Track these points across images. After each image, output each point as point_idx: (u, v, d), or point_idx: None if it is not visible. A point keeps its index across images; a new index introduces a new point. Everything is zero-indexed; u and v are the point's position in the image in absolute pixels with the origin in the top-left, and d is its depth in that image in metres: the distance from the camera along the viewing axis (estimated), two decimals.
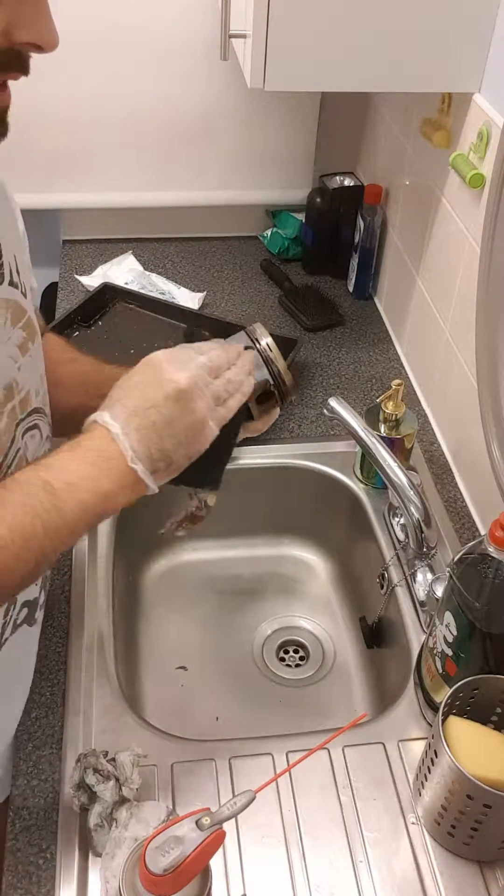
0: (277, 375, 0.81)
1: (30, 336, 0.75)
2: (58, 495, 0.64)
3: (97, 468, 0.67)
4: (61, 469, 0.66)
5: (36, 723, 0.93)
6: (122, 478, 0.67)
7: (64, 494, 0.65)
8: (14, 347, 0.73)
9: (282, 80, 1.08)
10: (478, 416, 1.05)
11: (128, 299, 1.54)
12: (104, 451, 0.67)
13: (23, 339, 0.74)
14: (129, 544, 1.20)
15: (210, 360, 0.73)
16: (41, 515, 0.64)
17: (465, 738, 0.79)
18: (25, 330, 0.74)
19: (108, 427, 0.68)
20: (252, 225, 1.80)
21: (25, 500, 0.64)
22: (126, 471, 0.67)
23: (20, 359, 0.74)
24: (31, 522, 0.63)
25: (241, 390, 0.75)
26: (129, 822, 0.79)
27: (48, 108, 1.54)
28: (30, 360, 0.76)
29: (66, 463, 0.67)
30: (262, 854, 0.82)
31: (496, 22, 1.05)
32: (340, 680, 1.19)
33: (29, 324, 0.75)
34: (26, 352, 0.75)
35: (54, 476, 0.65)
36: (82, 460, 0.67)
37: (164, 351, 0.73)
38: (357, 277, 1.62)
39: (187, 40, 1.48)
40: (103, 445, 0.68)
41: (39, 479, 0.65)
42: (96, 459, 0.67)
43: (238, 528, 1.35)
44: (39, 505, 0.64)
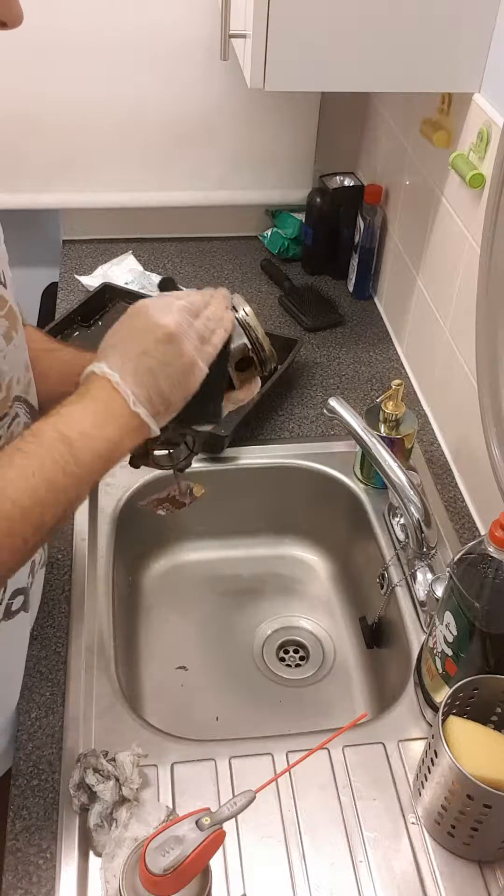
0: (256, 341, 0.82)
1: (12, 325, 0.76)
2: (74, 445, 0.67)
3: (103, 416, 0.70)
4: (73, 420, 0.69)
5: (36, 723, 0.93)
6: (126, 423, 0.70)
7: (79, 444, 0.67)
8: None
9: (282, 80, 1.08)
10: (478, 416, 1.05)
11: (128, 299, 1.54)
12: (107, 400, 0.70)
13: (6, 327, 0.75)
14: (129, 544, 1.20)
15: (189, 303, 0.76)
16: (62, 466, 0.66)
17: (465, 738, 0.79)
18: (8, 319, 0.75)
19: (108, 376, 0.70)
20: (252, 225, 1.80)
21: (47, 453, 0.66)
22: (129, 415, 0.70)
23: (4, 348, 0.74)
24: (55, 472, 0.66)
25: (222, 326, 0.77)
26: (129, 822, 0.79)
27: (48, 108, 1.54)
28: (14, 349, 0.77)
29: (76, 413, 0.69)
30: (262, 854, 0.82)
31: (496, 22, 1.05)
32: (340, 680, 1.19)
33: (11, 313, 0.76)
34: (10, 340, 0.76)
35: (68, 427, 0.68)
36: (90, 410, 0.69)
37: (146, 299, 0.76)
38: (357, 277, 1.62)
39: (187, 40, 1.48)
40: (105, 394, 0.70)
41: (57, 430, 0.67)
42: (101, 408, 0.70)
43: (238, 528, 1.34)
44: (60, 456, 0.66)
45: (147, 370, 0.71)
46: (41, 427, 0.68)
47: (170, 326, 0.72)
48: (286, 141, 1.65)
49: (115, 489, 1.20)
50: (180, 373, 0.73)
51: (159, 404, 0.72)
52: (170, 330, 0.72)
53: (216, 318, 0.77)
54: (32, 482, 0.64)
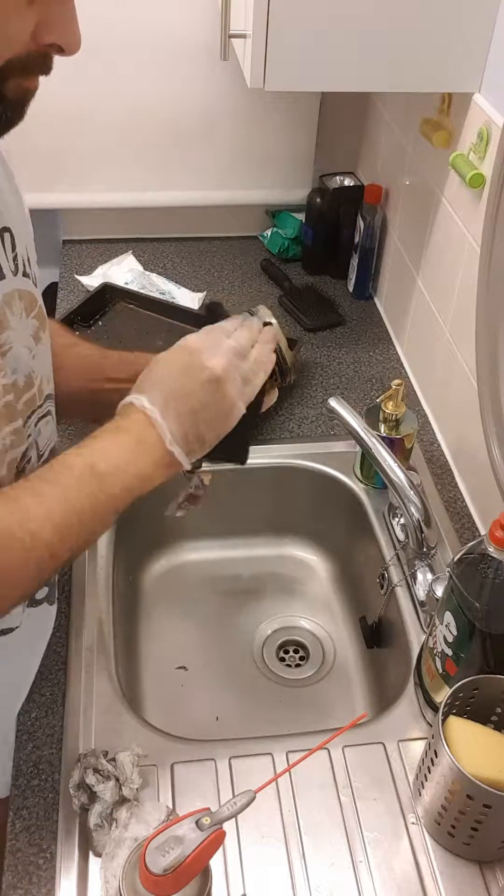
0: (280, 353, 0.83)
1: (42, 325, 0.76)
2: (104, 479, 0.68)
3: (137, 452, 0.70)
4: (106, 453, 0.69)
5: (36, 723, 0.93)
6: (160, 459, 0.71)
7: (109, 479, 0.68)
8: (29, 337, 0.74)
9: (282, 80, 1.08)
10: (478, 416, 1.05)
11: (128, 299, 1.54)
12: (143, 435, 0.71)
13: (36, 328, 0.75)
14: (129, 544, 1.20)
15: (238, 343, 0.76)
16: (89, 499, 0.67)
17: (465, 738, 0.79)
18: (38, 319, 0.75)
19: (148, 412, 0.71)
20: (252, 225, 1.80)
21: (75, 484, 0.67)
22: (164, 453, 0.71)
23: (34, 348, 0.75)
24: (82, 505, 0.66)
25: (265, 367, 0.78)
26: (129, 822, 0.79)
27: (48, 108, 1.52)
28: (42, 348, 0.77)
29: (109, 447, 0.70)
30: (262, 854, 0.82)
31: (496, 22, 1.05)
32: (340, 680, 1.19)
33: (40, 313, 0.76)
34: (39, 341, 0.76)
35: (99, 460, 0.68)
36: (124, 445, 0.70)
37: (197, 335, 0.76)
38: (357, 277, 1.62)
39: (187, 40, 1.48)
40: (142, 429, 0.71)
41: (86, 464, 0.68)
42: (136, 443, 0.70)
43: (238, 528, 1.35)
44: (88, 488, 0.67)
45: (189, 410, 0.72)
46: (72, 458, 0.68)
47: (217, 370, 0.73)
48: (286, 141, 1.65)
49: None
50: (221, 415, 0.74)
51: (194, 443, 0.72)
52: (217, 374, 0.73)
53: (261, 362, 0.78)
54: (55, 514, 0.65)
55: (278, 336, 0.84)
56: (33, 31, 0.58)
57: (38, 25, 0.58)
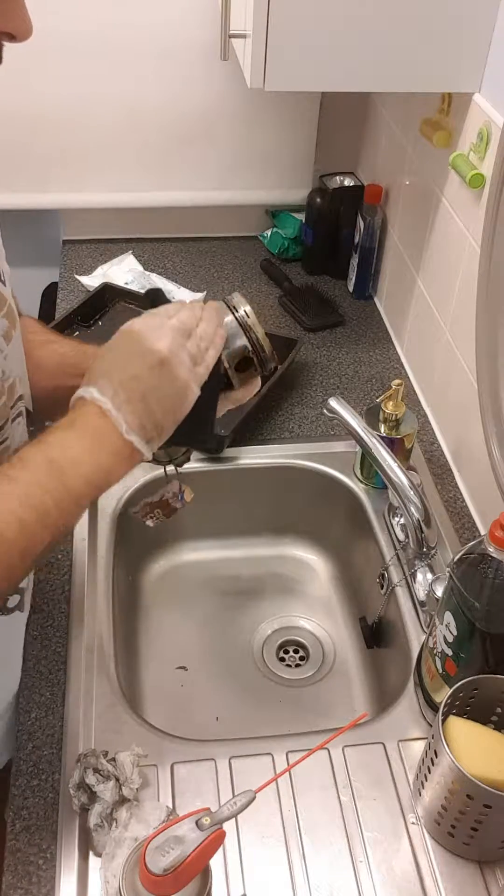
0: (256, 342, 0.82)
1: (12, 324, 0.75)
2: (64, 472, 0.66)
3: (95, 444, 0.68)
4: (64, 446, 0.67)
5: (36, 723, 0.93)
6: (118, 451, 0.69)
7: (70, 471, 0.66)
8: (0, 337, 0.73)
9: (282, 80, 1.08)
10: (478, 416, 1.05)
11: (128, 299, 1.54)
12: (98, 427, 0.69)
13: (6, 327, 0.74)
14: (129, 544, 1.20)
15: (181, 322, 0.74)
16: (51, 493, 0.65)
17: (465, 738, 0.79)
18: (7, 318, 0.74)
19: (99, 403, 0.69)
20: (252, 225, 1.80)
21: (36, 480, 0.65)
22: (122, 444, 0.69)
23: (5, 347, 0.74)
24: (44, 500, 0.65)
25: (214, 344, 0.76)
26: (129, 822, 0.79)
27: (48, 108, 1.54)
28: (13, 348, 0.76)
29: (66, 441, 0.68)
30: (262, 854, 0.82)
31: (496, 22, 1.05)
32: (340, 680, 1.19)
33: (10, 312, 0.75)
34: (10, 340, 0.75)
35: (59, 454, 0.67)
36: (80, 437, 0.68)
37: (138, 319, 0.75)
38: (357, 277, 1.62)
39: (187, 40, 1.48)
40: (96, 421, 0.69)
41: (45, 457, 0.66)
42: (93, 435, 0.68)
43: (238, 528, 1.34)
44: (49, 483, 0.65)
45: (140, 397, 0.69)
46: (29, 453, 0.66)
47: (163, 352, 0.71)
48: (286, 141, 1.65)
49: (114, 489, 1.19)
50: (173, 397, 0.72)
51: (152, 430, 0.70)
52: (163, 355, 0.71)
53: (208, 337, 0.76)
54: (19, 511, 0.63)
55: (254, 325, 0.82)
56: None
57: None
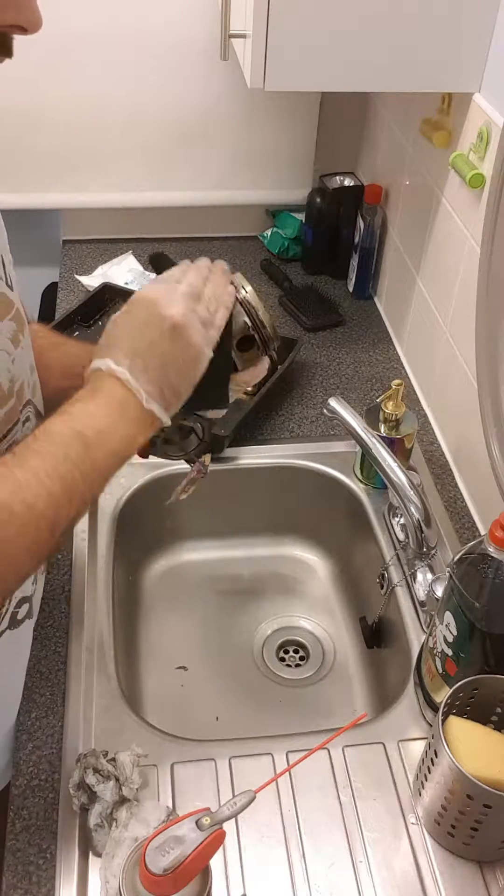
0: (257, 318, 0.82)
1: (20, 328, 0.75)
2: (90, 444, 0.66)
3: (117, 413, 0.69)
4: (89, 418, 0.67)
5: (36, 723, 0.93)
6: (139, 418, 0.70)
7: (95, 442, 0.66)
8: (7, 341, 0.73)
9: (282, 80, 1.08)
10: (478, 416, 1.05)
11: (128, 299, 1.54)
12: (119, 397, 0.69)
13: (14, 331, 0.74)
14: (129, 544, 1.20)
15: (190, 286, 0.74)
16: (78, 465, 0.65)
17: (465, 738, 0.79)
18: (15, 321, 0.74)
19: (117, 374, 0.69)
20: (252, 225, 1.80)
21: (63, 452, 0.65)
22: (143, 412, 0.69)
23: (13, 351, 0.74)
24: (71, 472, 0.65)
25: (223, 304, 0.76)
26: (129, 822, 0.79)
27: (48, 108, 1.54)
28: (22, 351, 0.76)
29: (90, 411, 0.68)
30: (262, 854, 0.82)
31: (496, 22, 1.05)
32: (340, 680, 1.19)
33: (17, 315, 0.75)
34: (18, 344, 0.75)
35: (84, 425, 0.67)
36: (103, 407, 0.68)
37: (149, 286, 0.75)
38: (357, 277, 1.62)
39: (187, 40, 1.48)
40: (116, 391, 0.69)
41: (72, 429, 0.66)
42: (115, 405, 0.69)
43: (238, 528, 1.34)
44: (75, 455, 0.65)
45: (156, 365, 0.70)
46: (54, 426, 0.67)
47: (175, 318, 0.71)
48: (286, 141, 1.65)
49: (115, 489, 1.20)
50: (188, 363, 0.72)
51: (170, 396, 0.71)
52: (176, 321, 0.71)
53: (217, 298, 0.76)
54: (48, 483, 0.63)
55: (256, 303, 0.82)
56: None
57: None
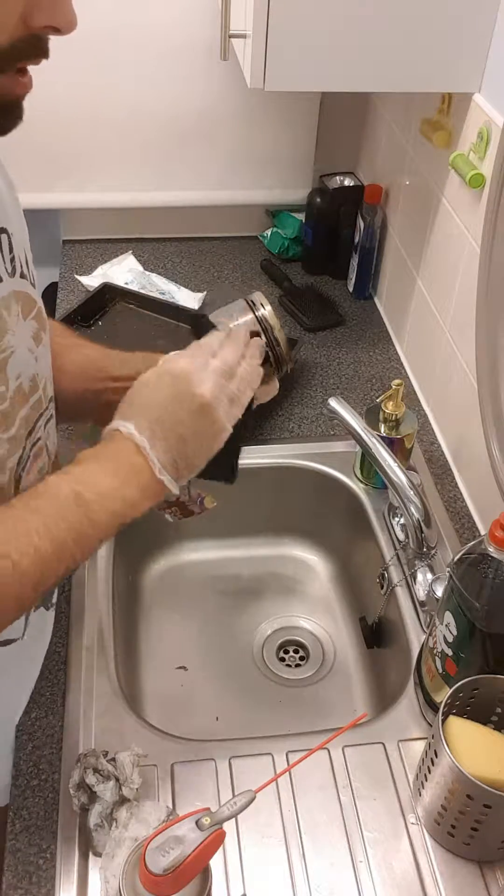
0: (275, 343, 0.82)
1: (41, 326, 0.76)
2: (90, 507, 0.66)
3: (125, 479, 0.69)
4: (91, 481, 0.68)
5: (36, 723, 0.93)
6: (147, 487, 0.70)
7: (95, 506, 0.66)
8: (30, 339, 0.73)
9: (282, 80, 1.08)
10: (478, 416, 1.05)
11: (128, 299, 1.54)
12: (131, 462, 0.69)
13: (36, 329, 0.74)
14: (129, 544, 1.20)
15: (224, 363, 0.75)
16: (74, 527, 0.65)
17: (465, 738, 0.79)
18: (37, 321, 0.75)
19: (136, 441, 0.69)
20: (252, 225, 1.80)
21: (59, 512, 0.65)
22: (153, 481, 0.70)
23: (36, 350, 0.74)
24: (65, 534, 0.65)
25: (252, 385, 0.77)
26: (129, 822, 0.79)
27: (48, 108, 1.53)
28: (43, 350, 0.76)
29: (95, 474, 0.68)
30: (262, 854, 0.82)
31: (496, 22, 1.05)
32: (340, 680, 1.19)
33: (39, 314, 0.75)
34: (40, 342, 0.75)
35: (85, 488, 0.67)
36: (110, 472, 0.69)
37: (183, 357, 0.75)
38: (357, 277, 1.62)
39: (187, 40, 1.48)
40: (129, 457, 0.69)
41: (72, 490, 0.66)
42: (124, 470, 0.69)
43: (238, 528, 1.34)
44: (73, 516, 0.65)
45: (178, 438, 0.71)
46: (58, 484, 0.67)
47: (205, 397, 0.72)
48: (286, 141, 1.65)
49: None
50: (209, 439, 0.73)
51: (183, 469, 0.72)
52: (205, 400, 0.72)
53: (248, 379, 0.76)
54: (37, 543, 0.63)
55: (273, 323, 0.82)
56: (24, 15, 0.57)
57: (27, 9, 0.57)
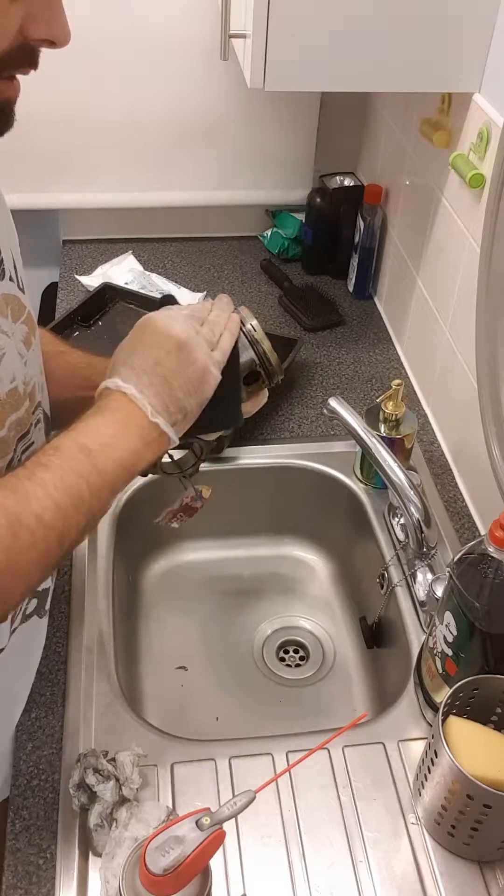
0: (263, 355, 0.84)
1: (31, 330, 0.76)
2: (96, 457, 0.68)
3: (123, 428, 0.71)
4: (94, 432, 0.69)
5: (36, 723, 0.93)
6: (146, 434, 0.71)
7: (101, 455, 0.68)
8: (20, 343, 0.74)
9: (282, 80, 1.08)
10: (478, 416, 1.05)
11: (128, 299, 1.54)
12: (125, 412, 0.71)
13: (26, 333, 0.75)
14: (129, 544, 1.20)
15: (192, 311, 0.78)
16: (85, 477, 0.67)
17: (465, 738, 0.79)
18: (27, 324, 0.75)
19: (124, 390, 0.72)
20: (252, 225, 1.80)
21: (69, 465, 0.67)
22: (148, 426, 0.71)
23: (25, 353, 0.75)
24: (78, 484, 0.66)
25: (229, 329, 0.79)
26: (129, 822, 0.79)
27: (48, 109, 1.54)
28: (33, 354, 0.77)
29: (97, 426, 0.70)
30: (262, 854, 0.82)
31: (496, 22, 1.05)
32: (340, 680, 1.19)
33: (29, 318, 0.76)
34: (30, 346, 0.76)
35: (90, 439, 0.69)
36: (109, 422, 0.71)
37: (155, 313, 0.78)
38: (357, 277, 1.62)
39: (187, 40, 1.48)
40: (123, 407, 0.71)
41: (77, 443, 0.68)
42: (121, 420, 0.71)
43: (238, 528, 1.35)
44: (82, 467, 0.67)
45: (162, 380, 0.72)
46: (61, 441, 0.68)
47: (179, 335, 0.74)
48: (286, 141, 1.65)
49: None
50: (194, 380, 0.74)
51: (176, 413, 0.73)
52: (179, 338, 0.74)
53: (220, 322, 0.79)
54: (55, 495, 0.64)
55: (261, 338, 0.84)
56: (21, 27, 0.58)
57: (24, 21, 0.58)
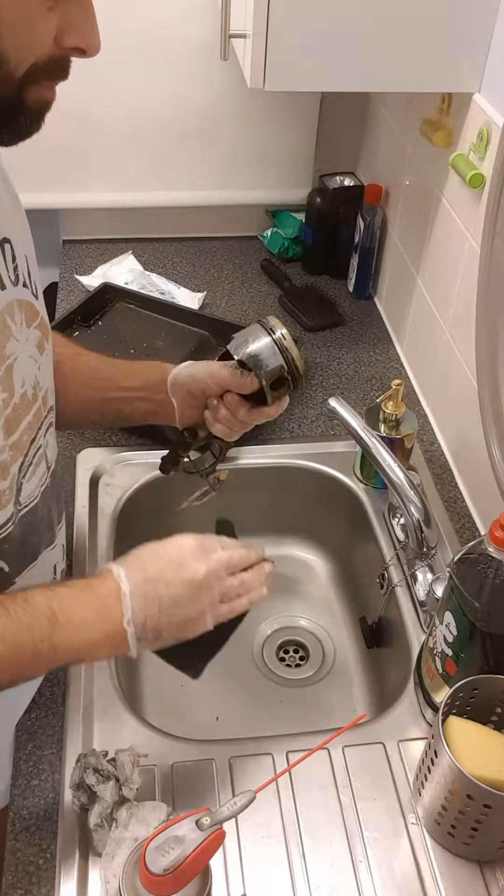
0: (291, 362, 0.85)
1: (44, 335, 0.77)
2: (58, 631, 0.68)
3: (97, 616, 0.71)
4: (69, 607, 0.70)
5: (36, 723, 0.93)
6: (112, 632, 0.71)
7: (61, 631, 0.69)
8: (33, 347, 0.74)
9: (282, 80, 1.08)
10: (478, 416, 1.05)
11: (128, 299, 1.54)
12: (108, 604, 0.71)
13: (39, 338, 0.75)
14: (129, 544, 1.19)
15: (230, 557, 0.77)
16: (36, 642, 0.67)
17: (465, 738, 0.79)
18: (40, 329, 0.75)
19: (120, 584, 0.72)
20: (252, 225, 1.80)
21: (29, 624, 0.67)
22: (118, 628, 0.71)
23: (39, 358, 0.75)
24: (24, 643, 0.67)
25: (251, 596, 0.79)
26: (129, 822, 0.79)
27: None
28: (46, 359, 0.78)
29: (74, 601, 0.71)
30: (262, 854, 0.82)
31: (496, 22, 1.05)
32: (340, 680, 1.19)
33: (42, 323, 0.76)
34: (43, 351, 0.76)
35: (62, 611, 0.69)
36: (87, 605, 0.71)
37: (196, 536, 0.78)
38: (357, 277, 1.62)
39: (187, 40, 1.48)
40: (109, 598, 0.72)
41: (49, 608, 0.69)
42: (100, 608, 0.71)
43: (238, 528, 1.34)
44: (39, 632, 0.68)
45: (156, 600, 0.72)
46: (37, 597, 0.69)
47: (198, 575, 0.74)
48: (286, 141, 1.65)
49: (114, 489, 1.20)
50: (185, 620, 0.74)
51: (149, 632, 0.73)
52: (197, 577, 0.73)
53: (249, 586, 0.78)
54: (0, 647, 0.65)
55: (290, 346, 0.85)
56: (55, 36, 0.60)
57: (59, 30, 0.59)
